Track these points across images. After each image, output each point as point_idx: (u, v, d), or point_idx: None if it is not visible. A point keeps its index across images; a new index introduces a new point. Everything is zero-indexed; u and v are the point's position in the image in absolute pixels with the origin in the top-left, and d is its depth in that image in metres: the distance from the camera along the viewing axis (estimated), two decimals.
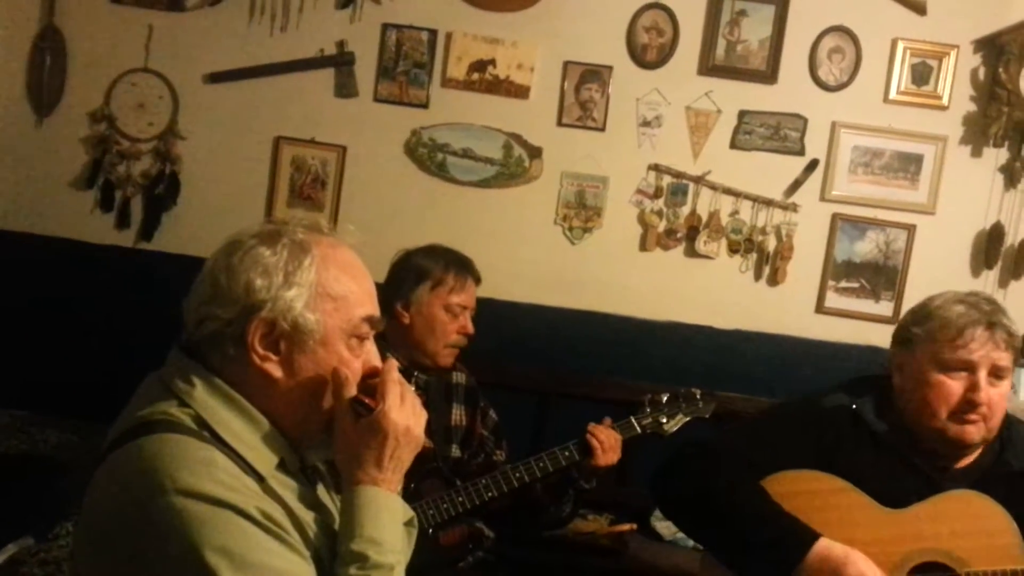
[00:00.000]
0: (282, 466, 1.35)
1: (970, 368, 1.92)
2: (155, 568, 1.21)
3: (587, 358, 3.54)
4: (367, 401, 1.36)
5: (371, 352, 1.42)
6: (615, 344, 3.55)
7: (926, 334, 1.96)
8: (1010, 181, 3.54)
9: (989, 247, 3.55)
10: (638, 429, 2.57)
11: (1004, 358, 1.94)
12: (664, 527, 3.39)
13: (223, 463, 1.26)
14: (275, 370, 1.33)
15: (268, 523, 1.24)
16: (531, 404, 3.48)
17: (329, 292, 1.35)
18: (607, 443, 2.48)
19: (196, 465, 1.23)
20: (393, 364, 1.42)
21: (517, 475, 2.51)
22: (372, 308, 1.40)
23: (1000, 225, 3.55)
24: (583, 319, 3.56)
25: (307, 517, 1.34)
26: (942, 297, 2.01)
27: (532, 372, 3.51)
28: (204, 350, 1.35)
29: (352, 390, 1.36)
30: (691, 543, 3.22)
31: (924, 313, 1.99)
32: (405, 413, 1.37)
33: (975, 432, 1.94)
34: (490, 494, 2.49)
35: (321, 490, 1.46)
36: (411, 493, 2.43)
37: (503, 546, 2.89)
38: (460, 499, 2.48)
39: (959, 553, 1.87)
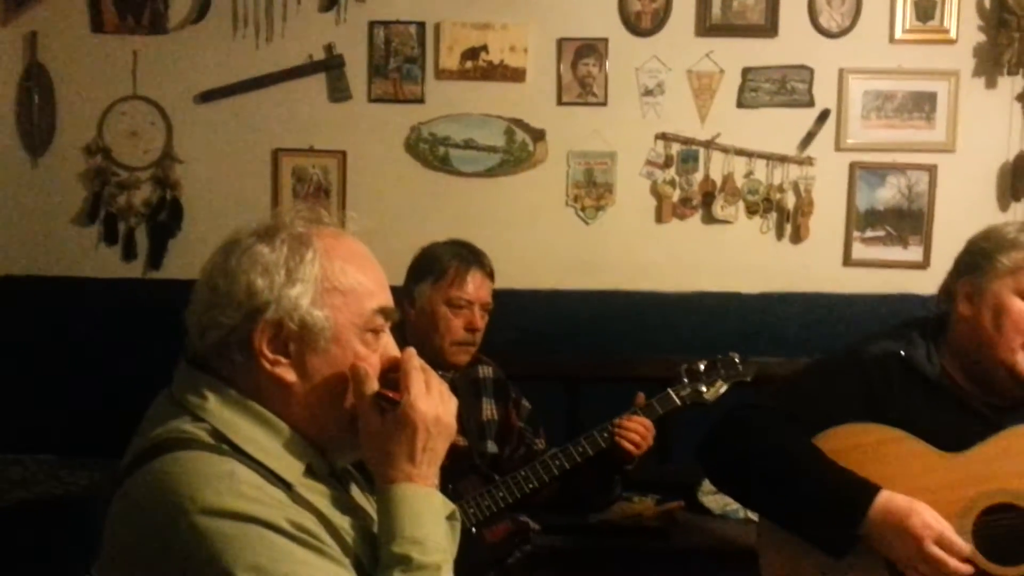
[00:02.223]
0: (310, 472, 1.27)
1: None
2: None
3: (615, 338, 3.47)
4: (391, 395, 1.28)
5: (389, 344, 1.33)
6: (642, 321, 3.48)
7: (1011, 263, 1.88)
8: None
9: (1015, 179, 3.45)
10: (677, 401, 2.48)
11: None
12: (713, 501, 3.32)
13: (245, 475, 1.18)
14: (288, 374, 1.25)
15: (300, 533, 1.17)
16: (563, 392, 3.41)
17: (336, 286, 1.27)
18: (636, 436, 2.40)
19: (217, 481, 1.16)
20: (413, 352, 1.33)
21: (557, 463, 2.43)
22: (384, 299, 1.32)
23: (1023, 155, 3.44)
24: (606, 299, 3.49)
25: (343, 522, 1.27)
26: (1015, 226, 1.95)
27: (561, 359, 3.45)
28: (212, 360, 1.27)
29: (374, 385, 1.28)
30: (742, 515, 3.16)
31: (1006, 241, 1.91)
32: (433, 402, 1.29)
33: None
34: (531, 485, 2.42)
35: (356, 492, 1.39)
36: (449, 494, 2.33)
37: (550, 537, 2.83)
38: (501, 494, 2.41)
39: None
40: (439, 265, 2.49)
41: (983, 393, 1.92)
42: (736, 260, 3.49)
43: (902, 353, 1.96)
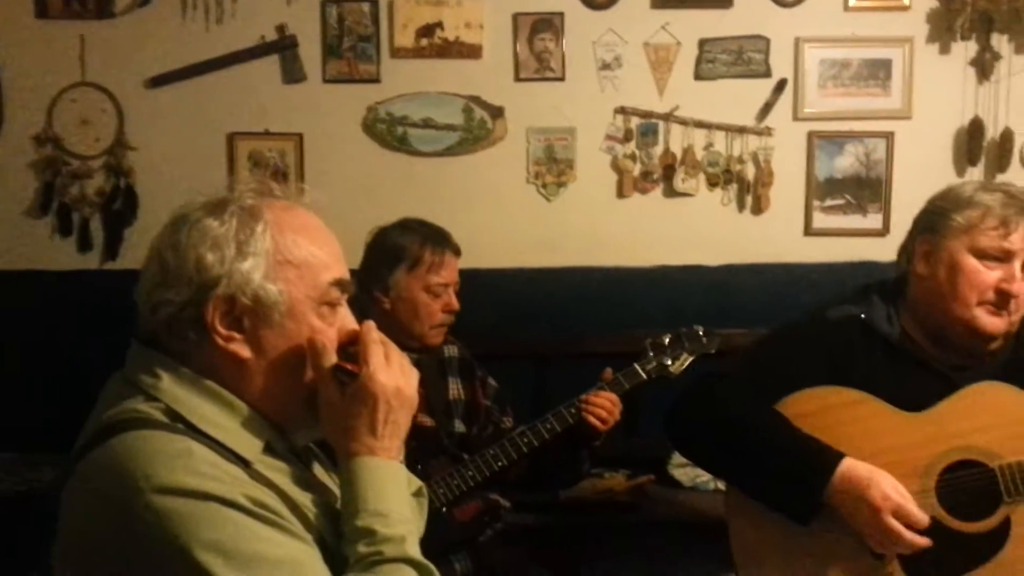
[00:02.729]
0: (269, 449, 1.25)
1: (1007, 258, 1.86)
2: None
3: (580, 315, 3.47)
4: (349, 367, 1.26)
5: (346, 318, 1.31)
6: (607, 297, 3.47)
7: (966, 221, 1.88)
8: (982, 74, 3.46)
9: (971, 144, 3.48)
10: (643, 375, 2.48)
11: None
12: (683, 474, 3.33)
13: (202, 453, 1.16)
14: (242, 350, 1.23)
15: (259, 509, 1.14)
16: (530, 370, 3.40)
17: (289, 259, 1.24)
18: (603, 412, 2.40)
19: (172, 459, 1.13)
20: (372, 325, 1.31)
21: (525, 440, 2.43)
22: (340, 270, 1.29)
23: (979, 120, 3.47)
24: (570, 276, 3.48)
25: (304, 499, 1.25)
26: (971, 185, 1.97)
27: (527, 337, 3.44)
28: (164, 339, 1.24)
29: (332, 358, 1.26)
30: (712, 486, 3.17)
31: (962, 200, 1.91)
32: (393, 373, 1.27)
33: (1001, 325, 1.88)
34: (500, 463, 2.41)
35: (318, 470, 1.37)
36: (418, 474, 2.32)
37: (521, 515, 2.83)
38: (470, 473, 2.40)
39: (989, 447, 1.80)
40: (411, 252, 2.46)
41: (943, 352, 1.93)
42: (698, 233, 3.49)
43: (862, 316, 1.97)
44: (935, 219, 1.94)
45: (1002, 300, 1.85)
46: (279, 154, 3.41)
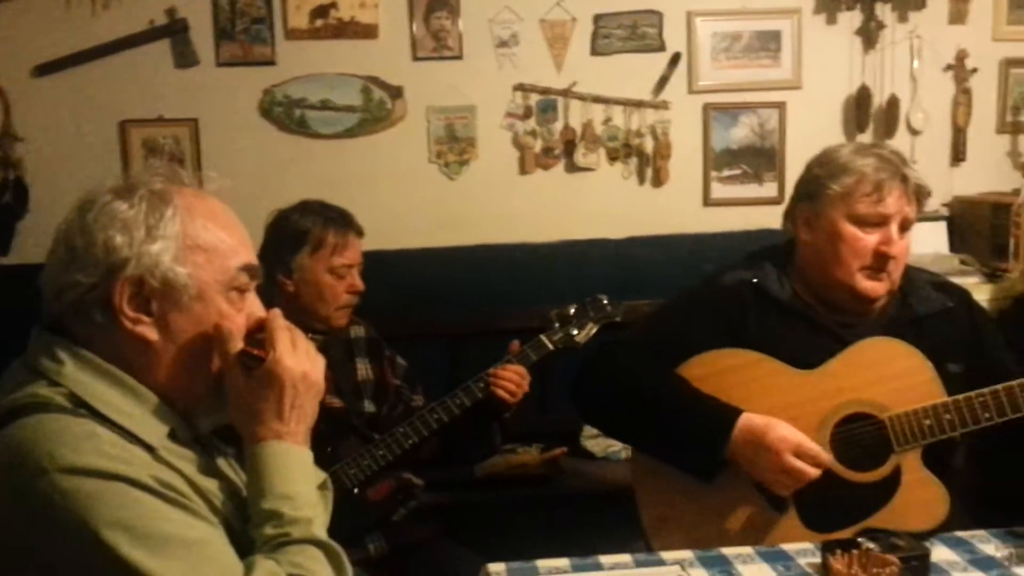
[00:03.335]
0: (173, 437, 1.25)
1: (884, 222, 1.92)
2: (52, 560, 1.10)
3: (489, 292, 3.48)
4: (256, 352, 1.27)
5: (254, 304, 1.33)
6: (514, 273, 3.50)
7: (842, 188, 1.93)
8: (868, 43, 3.57)
9: (859, 111, 3.59)
10: (550, 346, 2.50)
11: (912, 211, 1.95)
12: (595, 445, 3.38)
13: (107, 435, 1.16)
14: (150, 333, 1.23)
15: (166, 490, 1.15)
16: (441, 349, 3.40)
17: (198, 243, 1.25)
18: (511, 384, 2.42)
19: (77, 440, 1.13)
20: (278, 312, 1.33)
21: (435, 417, 2.43)
22: (248, 256, 1.30)
23: (866, 88, 3.58)
24: (477, 254, 3.49)
25: (210, 485, 1.25)
26: (847, 148, 1.99)
27: (437, 317, 3.44)
28: (68, 323, 1.23)
29: (238, 343, 1.27)
30: (624, 456, 3.23)
31: (837, 165, 1.95)
32: (299, 358, 1.29)
33: (882, 287, 1.95)
34: (410, 441, 2.41)
35: (222, 461, 1.37)
36: (329, 456, 2.34)
37: (435, 493, 2.84)
38: (381, 452, 2.40)
39: (879, 399, 1.87)
40: (314, 234, 2.44)
41: (831, 312, 1.99)
42: (601, 206, 3.53)
43: (755, 280, 2.02)
44: (813, 187, 1.99)
45: (881, 262, 1.92)
46: (174, 140, 3.34)
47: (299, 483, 1.26)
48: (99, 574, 1.09)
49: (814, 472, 1.80)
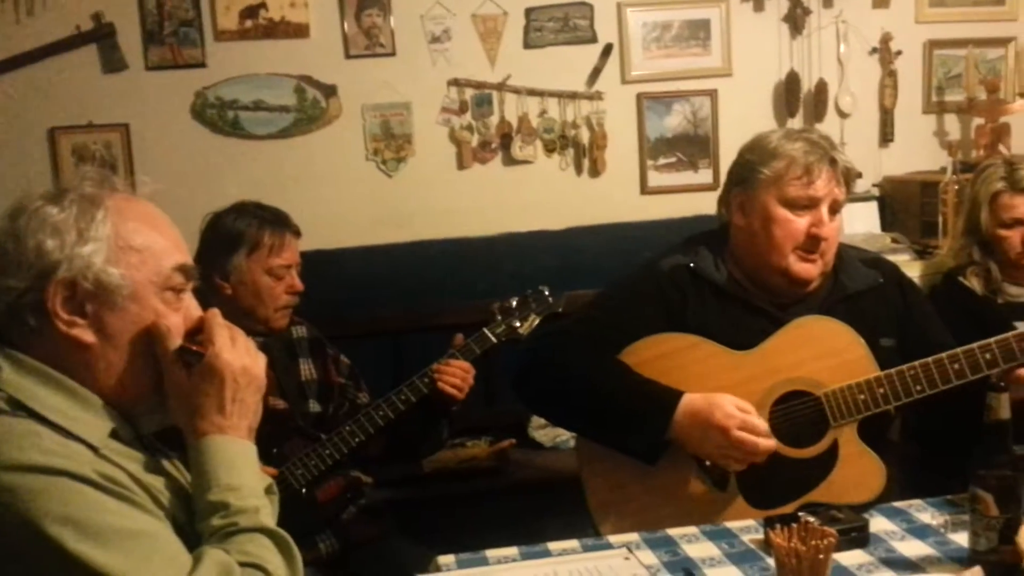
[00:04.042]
0: (116, 436, 1.25)
1: (814, 204, 1.95)
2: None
3: (432, 287, 3.49)
4: (195, 348, 1.29)
5: (191, 305, 1.34)
6: (456, 267, 3.51)
7: (773, 173, 1.96)
8: (795, 29, 3.64)
9: (788, 96, 3.66)
10: (493, 339, 2.51)
11: (841, 193, 1.99)
12: (543, 435, 3.41)
13: (48, 434, 1.16)
14: (85, 335, 1.24)
15: (110, 484, 1.15)
16: (385, 347, 3.39)
17: (131, 244, 1.26)
18: (456, 379, 2.42)
19: (19, 438, 1.14)
20: (216, 311, 1.34)
21: (380, 414, 2.43)
22: (182, 257, 1.32)
23: (794, 73, 3.65)
24: (418, 250, 3.50)
25: (154, 482, 1.26)
26: (777, 134, 2.02)
27: (378, 314, 3.43)
28: (5, 328, 1.24)
29: (176, 340, 1.28)
30: (571, 444, 3.24)
31: (767, 151, 1.99)
32: (239, 353, 1.30)
33: (815, 269, 1.99)
34: (357, 439, 2.41)
35: (166, 462, 1.36)
36: (275, 457, 2.33)
37: (384, 490, 2.84)
38: (327, 452, 2.39)
39: (815, 376, 1.90)
40: (250, 235, 2.42)
41: (766, 294, 2.03)
42: (540, 198, 3.56)
43: (691, 265, 2.05)
44: (745, 172, 2.02)
45: (813, 244, 1.96)
46: (105, 146, 3.30)
47: (244, 475, 1.27)
48: (46, 570, 1.09)
49: (764, 443, 1.83)
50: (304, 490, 2.36)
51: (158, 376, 1.28)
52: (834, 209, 1.98)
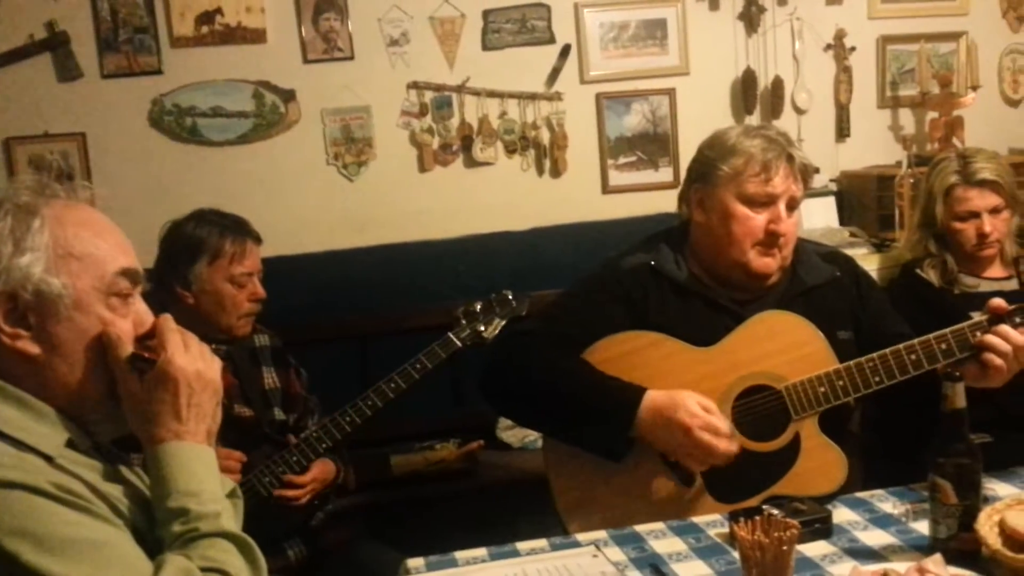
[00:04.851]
0: (72, 446, 1.23)
1: (772, 201, 1.97)
2: None
3: (396, 291, 3.48)
4: (147, 355, 1.27)
5: (141, 310, 1.32)
6: (419, 271, 3.50)
7: (732, 170, 1.98)
8: (751, 27, 3.67)
9: (746, 94, 3.70)
10: (458, 343, 2.53)
11: (799, 189, 2.01)
12: (511, 436, 3.41)
13: (1, 447, 1.15)
14: (30, 347, 1.22)
15: (65, 495, 1.14)
16: (350, 352, 3.39)
17: (71, 251, 1.24)
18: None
19: None
20: (168, 317, 1.32)
21: (347, 419, 2.43)
22: (127, 261, 1.29)
23: (751, 71, 3.69)
24: (381, 254, 3.49)
25: (113, 491, 1.24)
26: (735, 131, 2.04)
27: (343, 319, 3.42)
28: None
29: (127, 348, 1.26)
30: (540, 444, 3.25)
31: (725, 148, 2.00)
32: (192, 357, 1.29)
33: (775, 264, 2.01)
34: (324, 445, 2.41)
35: (124, 469, 1.35)
36: (243, 465, 2.32)
37: (354, 495, 2.83)
38: (295, 458, 2.39)
39: (776, 370, 1.93)
40: (210, 244, 2.40)
41: (726, 289, 2.05)
42: (502, 199, 3.56)
43: (652, 263, 2.06)
44: (705, 168, 2.04)
45: (771, 240, 1.98)
46: (62, 156, 3.26)
47: (203, 480, 1.26)
48: None
49: (725, 446, 1.84)
50: (270, 497, 2.35)
51: (111, 384, 1.27)
52: (791, 206, 2.01)
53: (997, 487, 1.86)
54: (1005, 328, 1.79)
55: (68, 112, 3.27)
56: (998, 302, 1.82)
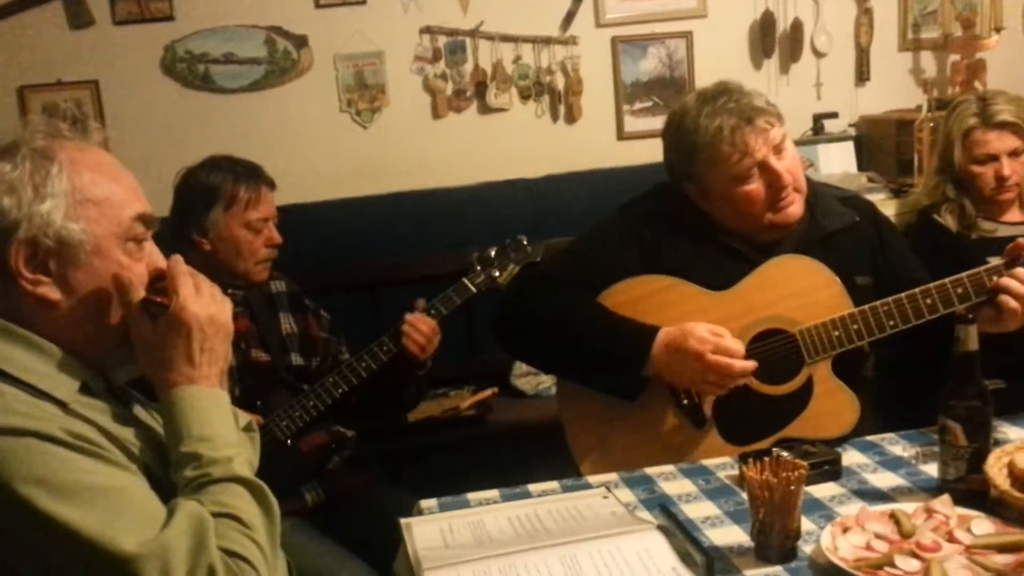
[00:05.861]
0: (86, 390, 1.25)
1: (761, 167, 1.94)
2: None
3: (410, 239, 3.48)
4: (159, 300, 1.28)
5: (153, 254, 1.33)
6: (433, 218, 3.49)
7: (708, 160, 1.95)
8: None
9: (764, 37, 3.64)
10: (472, 289, 2.52)
11: (777, 134, 1.96)
12: (525, 383, 3.42)
13: (13, 393, 1.16)
14: (51, 292, 1.23)
15: (79, 442, 1.15)
16: (363, 299, 3.39)
17: (89, 197, 1.24)
18: (421, 338, 2.42)
19: None
20: (179, 258, 1.33)
21: (363, 365, 2.44)
22: (141, 206, 1.30)
23: (770, 13, 3.63)
24: (394, 201, 3.48)
25: (126, 434, 1.25)
26: (690, 116, 1.98)
27: (356, 267, 3.43)
28: None
29: (140, 292, 1.27)
30: (553, 391, 3.27)
31: (688, 145, 1.97)
32: (204, 301, 1.29)
33: (795, 208, 1.98)
34: (340, 390, 2.43)
35: (139, 410, 1.37)
36: (259, 409, 2.34)
37: (368, 443, 2.86)
38: (311, 403, 2.41)
39: (791, 314, 1.92)
40: (226, 190, 2.40)
41: (742, 235, 2.03)
42: (517, 146, 3.54)
43: (667, 209, 2.05)
44: (686, 169, 2.01)
45: (778, 193, 1.95)
46: (76, 104, 3.26)
47: (216, 424, 1.27)
48: (20, 531, 1.10)
49: (741, 364, 1.84)
50: (289, 441, 2.38)
51: (123, 327, 1.28)
52: (779, 150, 1.96)
53: (1009, 431, 1.85)
54: (1022, 271, 1.78)
55: (80, 60, 3.27)
56: (1020, 242, 1.80)
